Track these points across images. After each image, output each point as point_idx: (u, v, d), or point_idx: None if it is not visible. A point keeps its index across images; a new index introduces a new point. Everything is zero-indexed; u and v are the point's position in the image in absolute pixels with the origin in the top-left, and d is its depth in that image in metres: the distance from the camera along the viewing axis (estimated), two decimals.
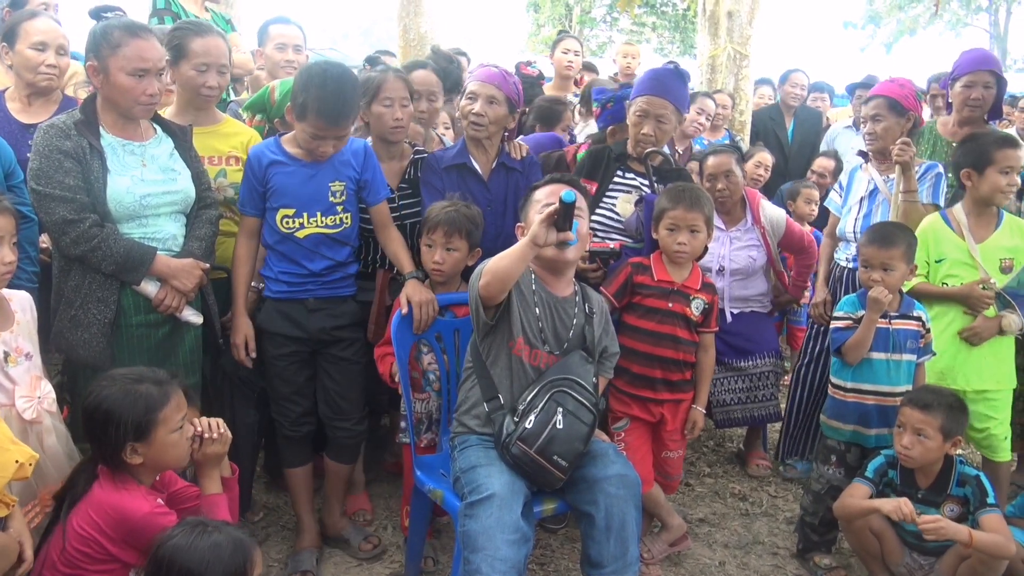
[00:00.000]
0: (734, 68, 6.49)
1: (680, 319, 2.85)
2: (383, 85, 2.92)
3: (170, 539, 1.82)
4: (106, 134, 2.48)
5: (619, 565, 2.32)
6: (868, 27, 24.82)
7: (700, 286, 2.89)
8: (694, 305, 2.86)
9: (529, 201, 2.59)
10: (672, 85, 3.10)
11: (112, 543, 1.94)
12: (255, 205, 2.73)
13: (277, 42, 3.97)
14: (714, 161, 3.71)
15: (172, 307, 2.51)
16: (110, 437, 1.96)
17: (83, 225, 2.37)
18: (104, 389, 2.00)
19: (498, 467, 2.31)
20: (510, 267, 2.23)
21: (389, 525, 3.17)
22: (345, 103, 2.61)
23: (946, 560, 2.67)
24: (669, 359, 2.85)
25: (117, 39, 2.40)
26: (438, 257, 2.79)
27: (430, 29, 6.35)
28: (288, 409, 2.80)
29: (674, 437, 2.95)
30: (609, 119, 3.45)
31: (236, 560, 1.82)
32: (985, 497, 2.61)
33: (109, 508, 1.95)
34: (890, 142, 3.35)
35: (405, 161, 3.12)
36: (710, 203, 2.95)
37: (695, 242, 2.86)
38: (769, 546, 3.19)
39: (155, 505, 2.00)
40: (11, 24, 3.06)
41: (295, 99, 2.63)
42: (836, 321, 2.96)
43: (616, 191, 3.17)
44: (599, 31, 22.77)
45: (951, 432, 2.62)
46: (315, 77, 2.59)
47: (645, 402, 2.88)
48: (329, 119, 2.58)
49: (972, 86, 3.56)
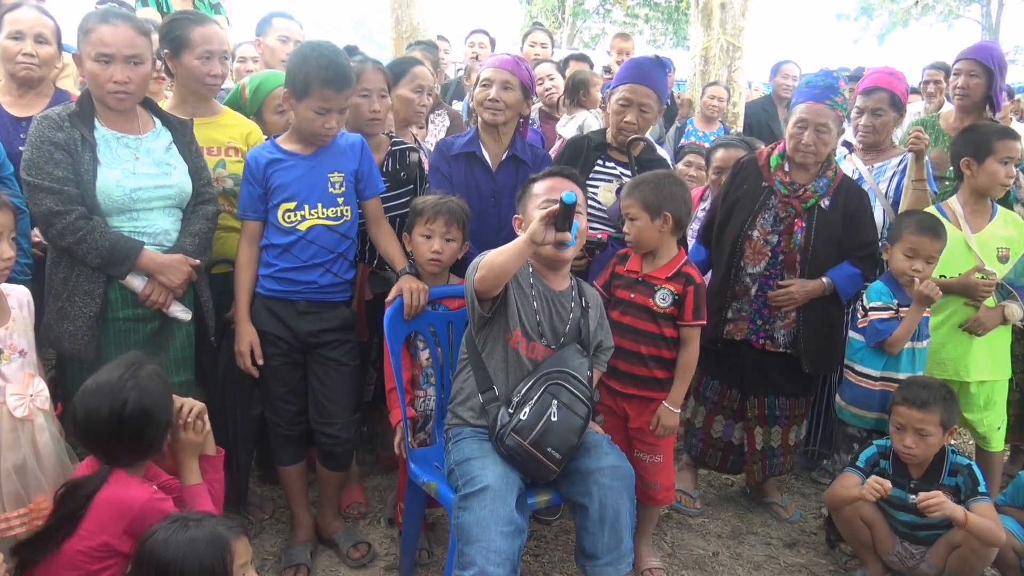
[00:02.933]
0: (727, 60, 6.50)
1: (642, 310, 2.72)
2: (362, 74, 2.92)
3: (152, 534, 1.84)
4: (101, 126, 2.46)
5: (613, 556, 2.33)
6: (861, 18, 24.87)
7: (670, 276, 2.70)
8: (659, 296, 2.69)
9: (527, 194, 2.57)
10: (654, 74, 3.10)
11: (114, 536, 1.92)
12: (255, 208, 2.71)
13: (280, 34, 4.04)
14: (723, 155, 3.70)
15: (159, 302, 2.49)
16: (152, 435, 2.01)
17: (69, 217, 2.35)
18: (120, 393, 1.98)
19: (492, 459, 2.31)
20: (506, 263, 2.23)
21: (383, 518, 3.17)
22: (346, 68, 2.63)
23: (936, 549, 2.70)
24: (631, 351, 2.72)
25: (89, 25, 2.39)
26: (437, 246, 2.75)
27: (422, 21, 6.33)
28: (283, 409, 2.78)
29: (640, 437, 2.76)
30: None
31: (212, 554, 1.83)
32: (976, 486, 2.63)
33: (108, 504, 1.94)
34: (885, 137, 3.35)
35: (383, 153, 3.10)
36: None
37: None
38: (762, 536, 3.20)
39: (152, 491, 2.01)
40: None
41: (293, 79, 2.61)
42: (875, 312, 2.92)
43: (597, 180, 3.16)
44: (592, 23, 22.74)
45: (949, 423, 2.66)
46: (310, 51, 2.61)
47: (613, 393, 2.79)
48: (335, 84, 2.57)
49: (958, 74, 3.63)
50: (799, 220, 3.03)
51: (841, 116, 3.05)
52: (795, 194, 3.03)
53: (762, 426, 3.17)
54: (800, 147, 3.00)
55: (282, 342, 2.72)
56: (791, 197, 3.04)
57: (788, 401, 3.15)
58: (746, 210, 3.09)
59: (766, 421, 3.16)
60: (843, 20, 25.37)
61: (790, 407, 3.16)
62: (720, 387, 3.22)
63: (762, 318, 3.08)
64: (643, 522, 2.78)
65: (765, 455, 3.20)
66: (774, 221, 3.06)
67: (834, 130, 3.01)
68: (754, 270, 3.07)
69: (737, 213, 3.12)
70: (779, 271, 3.06)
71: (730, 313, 3.11)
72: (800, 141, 3.00)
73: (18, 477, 2.13)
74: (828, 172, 3.06)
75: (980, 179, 3.12)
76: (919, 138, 3.19)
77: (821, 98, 2.99)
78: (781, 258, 3.05)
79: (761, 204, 3.08)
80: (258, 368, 2.71)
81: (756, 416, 3.16)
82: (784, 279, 3.05)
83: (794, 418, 3.18)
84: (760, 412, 3.16)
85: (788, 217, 3.04)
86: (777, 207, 3.06)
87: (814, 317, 3.06)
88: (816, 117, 2.97)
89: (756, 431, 3.17)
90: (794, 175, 3.07)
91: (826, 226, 3.04)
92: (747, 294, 3.09)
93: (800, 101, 3.06)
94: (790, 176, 3.07)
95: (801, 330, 3.06)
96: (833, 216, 3.04)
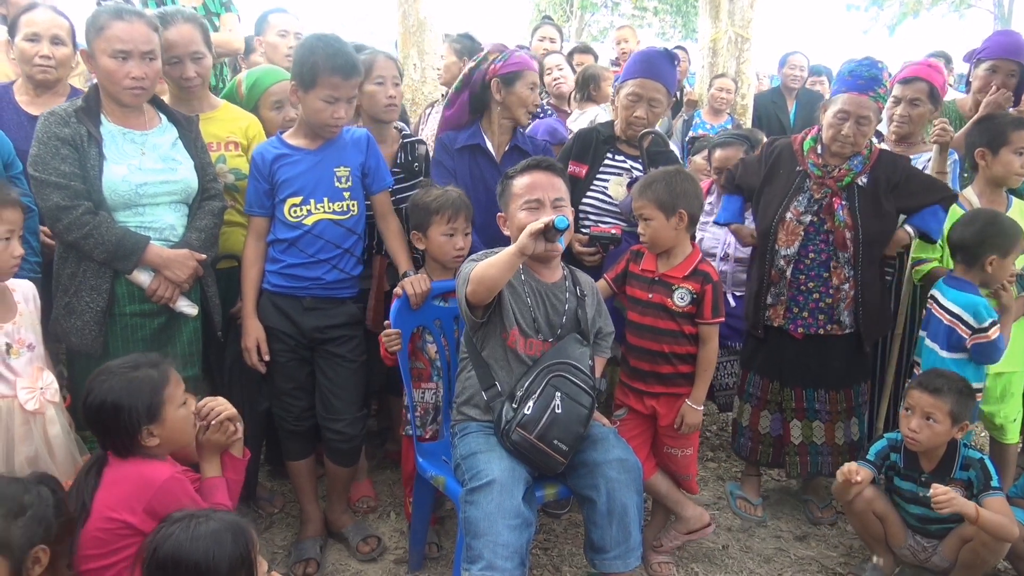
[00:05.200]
0: (735, 51, 6.45)
1: (661, 310, 2.72)
2: (375, 63, 2.95)
3: (166, 539, 1.78)
4: (107, 122, 2.47)
5: (622, 550, 2.32)
6: (871, 9, 24.64)
7: (687, 275, 2.71)
8: (677, 295, 2.70)
9: (508, 191, 2.54)
10: (663, 68, 3.08)
11: (134, 514, 1.92)
12: (261, 204, 2.71)
13: (279, 30, 4.07)
14: (722, 154, 3.68)
15: (165, 297, 2.50)
16: (124, 427, 1.97)
17: (76, 212, 2.36)
18: (104, 383, 1.99)
19: (498, 453, 2.31)
20: (498, 275, 2.25)
21: (392, 512, 3.18)
22: (353, 56, 2.64)
23: (948, 543, 2.68)
24: (654, 351, 2.74)
25: (102, 22, 2.39)
26: (461, 243, 2.77)
27: (429, 15, 6.30)
28: (290, 404, 2.79)
29: (670, 433, 2.79)
30: None
31: (240, 544, 1.81)
32: (989, 480, 2.60)
33: (130, 479, 1.95)
34: (919, 129, 3.30)
35: (395, 146, 3.13)
36: None
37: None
38: (772, 529, 3.19)
39: (176, 470, 2.02)
40: (13, 17, 3.05)
41: (300, 70, 2.62)
42: (994, 330, 2.80)
43: (607, 174, 3.15)
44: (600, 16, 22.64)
45: (959, 417, 2.61)
46: (316, 42, 2.62)
47: (640, 394, 2.81)
48: (343, 72, 2.59)
49: (995, 72, 3.48)
50: (837, 198, 2.97)
51: (882, 108, 2.99)
52: (829, 174, 2.98)
53: (800, 419, 3.13)
54: (839, 137, 2.92)
55: (288, 338, 2.72)
56: (825, 177, 2.99)
57: (828, 394, 3.09)
58: (780, 195, 3.05)
59: (804, 414, 3.12)
60: (853, 10, 25.15)
61: (830, 400, 3.10)
62: (762, 381, 3.18)
63: (798, 305, 3.04)
64: (664, 497, 2.87)
65: (805, 450, 3.14)
66: (808, 202, 3.01)
67: (874, 122, 2.95)
68: (788, 252, 3.01)
69: (772, 199, 3.08)
70: (828, 250, 2.99)
71: (769, 298, 3.07)
72: (840, 132, 2.91)
73: (31, 469, 2.14)
74: (863, 151, 2.99)
75: (995, 169, 3.09)
76: (944, 130, 3.13)
77: (865, 89, 2.89)
78: (820, 238, 2.99)
79: (796, 188, 3.04)
80: (265, 364, 2.72)
81: (793, 409, 3.12)
82: (836, 259, 2.97)
83: (837, 414, 3.11)
84: (798, 405, 3.12)
85: (824, 197, 2.99)
86: (812, 188, 3.01)
87: (871, 295, 3.01)
88: (858, 109, 2.88)
89: (793, 424, 3.13)
90: (827, 158, 3.01)
91: (870, 203, 2.97)
92: (783, 278, 3.04)
93: (842, 90, 2.95)
94: (823, 159, 3.02)
95: (862, 309, 3.00)
96: (875, 192, 2.97)
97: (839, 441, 3.13)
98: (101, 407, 1.97)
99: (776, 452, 3.20)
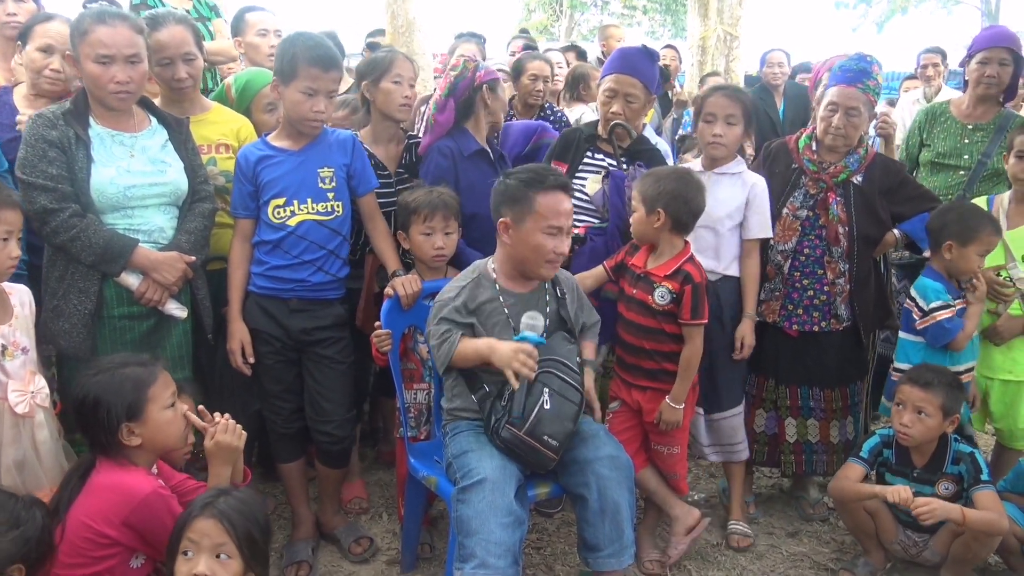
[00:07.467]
0: (724, 49, 6.48)
1: (643, 306, 2.70)
2: (394, 62, 2.97)
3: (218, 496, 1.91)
4: (95, 124, 2.46)
5: (616, 548, 2.33)
6: (860, 6, 24.78)
7: (669, 274, 2.65)
8: (657, 293, 2.65)
9: (528, 205, 2.38)
10: (640, 64, 3.07)
11: (112, 527, 1.90)
12: (246, 206, 2.70)
13: (258, 29, 3.88)
14: None
15: (154, 300, 2.48)
16: (103, 422, 1.95)
17: (63, 215, 2.35)
18: (90, 378, 1.99)
19: (489, 451, 2.31)
20: (468, 362, 2.39)
21: (385, 513, 3.17)
22: (332, 50, 2.64)
23: (940, 537, 2.69)
24: (637, 346, 2.73)
25: (85, 27, 2.38)
26: (440, 242, 2.77)
27: (418, 15, 6.29)
28: (279, 407, 2.78)
29: (655, 428, 2.77)
30: None
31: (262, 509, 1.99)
32: (979, 474, 2.61)
33: (110, 489, 1.93)
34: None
35: (401, 146, 3.13)
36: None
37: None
38: (764, 526, 3.20)
39: (158, 485, 1.99)
40: (28, 24, 3.00)
41: (281, 64, 2.62)
42: (940, 313, 2.81)
43: (585, 172, 3.13)
44: (590, 15, 22.69)
45: (950, 410, 2.62)
46: (296, 36, 2.66)
47: (628, 386, 2.81)
48: (323, 64, 2.59)
49: (987, 62, 3.46)
50: (832, 194, 2.99)
51: (873, 100, 3.02)
52: (824, 170, 3.01)
53: (795, 417, 3.13)
54: (830, 130, 2.97)
55: (275, 340, 2.71)
56: (820, 173, 3.01)
57: (823, 392, 3.10)
58: (777, 192, 3.06)
59: (799, 412, 3.12)
60: (842, 8, 25.28)
61: (825, 399, 3.11)
62: (757, 379, 3.17)
63: (792, 303, 3.05)
64: (653, 493, 2.86)
65: (800, 448, 3.15)
66: (804, 198, 3.03)
67: (865, 114, 2.98)
68: (785, 247, 3.03)
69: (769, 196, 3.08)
70: (822, 246, 3.01)
71: (763, 294, 3.06)
72: (830, 124, 2.97)
73: (18, 472, 2.14)
74: (859, 149, 3.04)
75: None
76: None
77: (853, 81, 2.95)
78: (815, 233, 3.00)
79: (792, 185, 3.06)
80: (253, 367, 2.71)
81: (787, 407, 3.13)
82: (830, 254, 3.00)
83: (832, 412, 3.11)
84: (792, 403, 3.12)
85: (819, 192, 3.01)
86: (807, 184, 3.03)
87: (866, 287, 3.04)
88: (847, 100, 2.94)
89: (787, 422, 3.14)
90: (823, 155, 3.05)
91: (864, 202, 3.01)
92: (779, 273, 3.04)
93: (832, 84, 3.02)
94: (818, 155, 3.05)
95: (856, 301, 3.03)
96: (869, 192, 3.01)
97: (834, 440, 3.13)
98: (83, 401, 1.97)
99: (771, 450, 3.20)
